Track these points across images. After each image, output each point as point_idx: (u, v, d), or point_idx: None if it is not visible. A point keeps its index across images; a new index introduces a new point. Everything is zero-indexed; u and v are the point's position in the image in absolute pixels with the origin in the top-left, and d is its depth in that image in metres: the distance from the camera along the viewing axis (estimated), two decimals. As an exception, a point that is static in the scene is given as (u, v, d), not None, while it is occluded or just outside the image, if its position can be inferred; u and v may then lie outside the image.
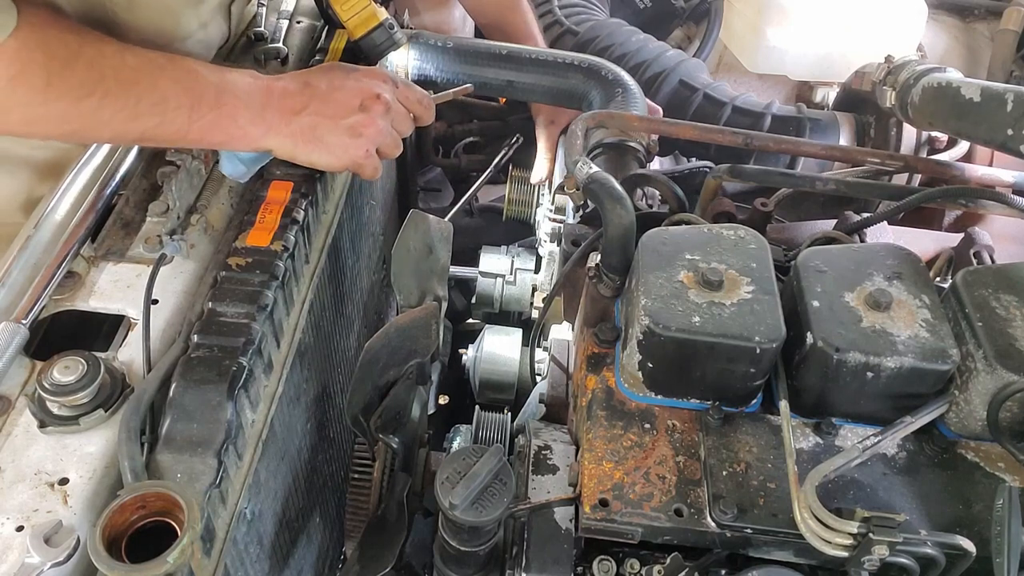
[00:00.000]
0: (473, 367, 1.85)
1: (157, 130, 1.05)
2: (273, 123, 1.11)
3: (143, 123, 1.03)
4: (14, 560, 0.79)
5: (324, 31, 1.51)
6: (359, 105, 1.16)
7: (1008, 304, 0.99)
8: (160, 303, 1.03)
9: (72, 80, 0.97)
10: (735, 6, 2.27)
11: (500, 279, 1.95)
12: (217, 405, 0.92)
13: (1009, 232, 1.49)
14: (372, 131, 1.18)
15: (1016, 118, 1.12)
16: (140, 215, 1.13)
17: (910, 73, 1.44)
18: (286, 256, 1.09)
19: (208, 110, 1.06)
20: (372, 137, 1.18)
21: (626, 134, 1.50)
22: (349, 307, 1.49)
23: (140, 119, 1.03)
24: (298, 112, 1.13)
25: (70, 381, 0.88)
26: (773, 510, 0.93)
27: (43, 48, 0.95)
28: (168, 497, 0.79)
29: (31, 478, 0.86)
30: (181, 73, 1.05)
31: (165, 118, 1.04)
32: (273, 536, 1.14)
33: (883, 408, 0.99)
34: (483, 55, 1.65)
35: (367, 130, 1.17)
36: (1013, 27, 2.22)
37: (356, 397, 1.14)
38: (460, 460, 0.94)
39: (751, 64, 2.21)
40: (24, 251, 0.99)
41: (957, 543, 0.87)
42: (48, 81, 0.96)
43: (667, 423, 1.01)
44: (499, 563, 1.01)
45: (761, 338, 0.94)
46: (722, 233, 1.07)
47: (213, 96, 1.06)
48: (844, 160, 1.55)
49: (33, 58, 0.94)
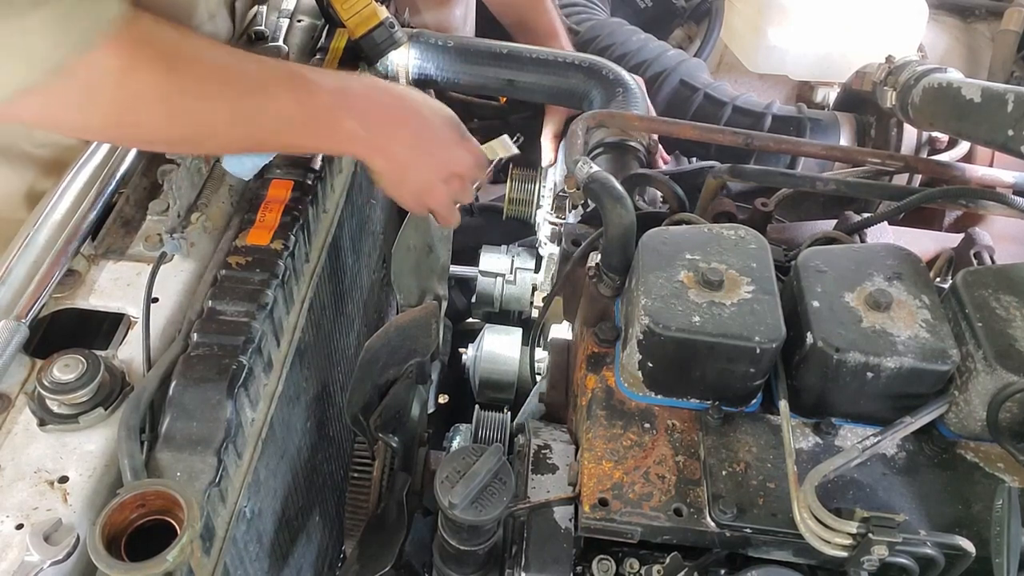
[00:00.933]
0: (473, 366, 1.85)
1: (271, 138, 1.06)
2: (377, 145, 1.14)
3: (259, 130, 1.04)
4: (14, 558, 0.79)
5: (325, 30, 1.51)
6: (446, 175, 1.22)
7: (1008, 304, 0.99)
8: (160, 301, 1.03)
9: (189, 82, 0.95)
10: (736, 6, 2.27)
11: (500, 278, 1.95)
12: (217, 404, 0.92)
13: (1009, 232, 1.49)
14: (439, 201, 1.27)
15: (1016, 119, 1.12)
16: (140, 213, 1.13)
17: (911, 73, 1.44)
18: (286, 255, 1.09)
19: (321, 127, 1.07)
20: (437, 205, 1.28)
21: (627, 134, 1.50)
22: (349, 306, 1.49)
23: (256, 126, 1.03)
24: (404, 145, 1.16)
25: (70, 379, 0.88)
26: (772, 510, 0.93)
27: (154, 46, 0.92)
28: (168, 496, 0.79)
29: (31, 476, 0.86)
30: (299, 86, 1.04)
31: (279, 126, 1.04)
32: (273, 535, 1.14)
33: (883, 408, 0.99)
34: (484, 54, 1.65)
35: (436, 199, 1.26)
36: (1014, 28, 2.22)
37: (356, 396, 1.15)
38: (460, 459, 0.94)
39: (752, 64, 2.21)
40: (24, 249, 0.99)
41: (956, 543, 0.87)
42: (165, 79, 0.92)
43: (667, 423, 1.01)
44: (498, 562, 1.01)
45: (761, 338, 0.94)
46: (722, 233, 1.07)
47: (327, 114, 1.07)
48: (844, 160, 1.55)
49: (144, 56, 0.91)
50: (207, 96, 0.96)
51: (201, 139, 1.03)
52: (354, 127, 1.10)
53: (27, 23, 0.82)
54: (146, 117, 0.95)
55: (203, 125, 0.99)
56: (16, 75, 0.84)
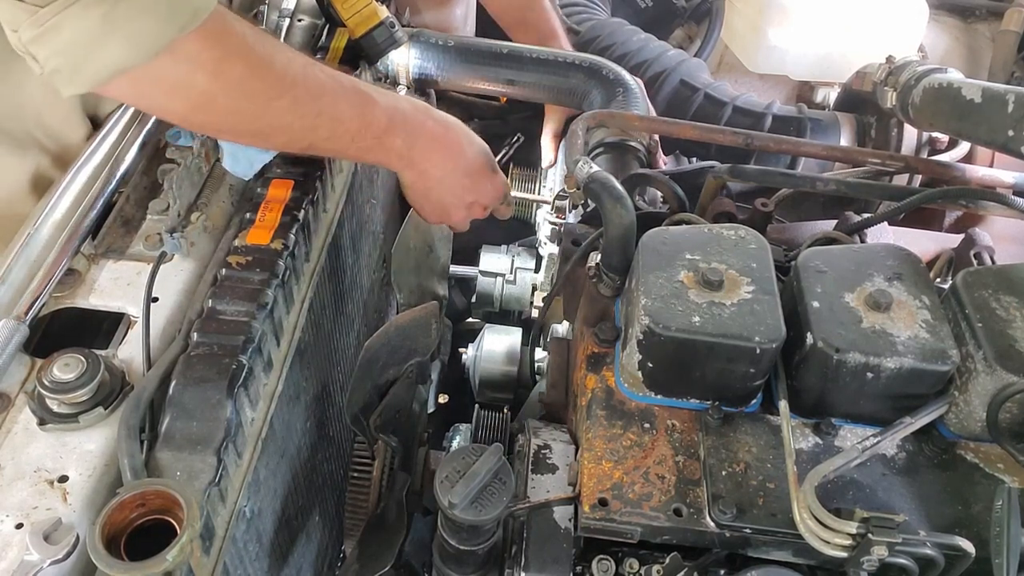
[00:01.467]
0: (473, 366, 1.85)
1: (324, 143, 1.12)
2: (413, 162, 1.22)
3: (316, 135, 1.09)
4: (13, 557, 0.79)
5: (325, 29, 1.51)
6: (469, 202, 1.33)
7: (1008, 305, 0.99)
8: (160, 301, 1.03)
9: (270, 78, 1.00)
10: (736, 6, 2.27)
11: (500, 278, 1.95)
12: (217, 403, 0.92)
13: (1010, 233, 1.49)
14: (456, 221, 1.38)
15: (1017, 119, 1.12)
16: (140, 213, 1.13)
17: (911, 74, 1.44)
18: (286, 254, 1.09)
19: (371, 137, 1.15)
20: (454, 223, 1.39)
21: (627, 134, 1.50)
22: (349, 306, 1.49)
23: (316, 131, 1.08)
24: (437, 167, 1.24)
25: (70, 379, 0.88)
26: (772, 510, 0.93)
27: (241, 39, 0.96)
28: (167, 495, 0.79)
29: (31, 475, 0.86)
30: (358, 96, 1.12)
31: (335, 134, 1.11)
32: (272, 534, 1.14)
33: (883, 408, 0.99)
34: (484, 54, 1.65)
35: (455, 219, 1.36)
36: (1014, 28, 2.21)
37: (356, 396, 1.15)
38: (459, 459, 0.94)
39: (752, 64, 2.21)
40: (24, 248, 0.99)
41: (956, 544, 0.87)
42: (249, 73, 0.97)
43: (667, 423, 1.01)
44: (498, 562, 1.01)
45: (761, 338, 0.94)
46: (722, 233, 1.07)
47: (381, 125, 1.14)
48: (845, 160, 1.55)
49: (234, 47, 0.95)
50: (284, 95, 1.02)
51: (269, 134, 1.08)
52: (399, 145, 1.18)
53: (135, 4, 0.85)
54: (231, 107, 1.00)
55: (276, 121, 1.05)
56: (120, 55, 0.87)
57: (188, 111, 1.00)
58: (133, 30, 0.86)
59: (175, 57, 0.90)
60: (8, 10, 0.85)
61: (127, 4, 0.85)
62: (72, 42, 0.85)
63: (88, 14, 0.84)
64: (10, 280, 0.96)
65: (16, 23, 0.85)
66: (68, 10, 0.83)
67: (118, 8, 0.84)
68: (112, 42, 0.86)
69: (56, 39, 0.85)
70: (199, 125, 1.08)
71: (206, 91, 0.96)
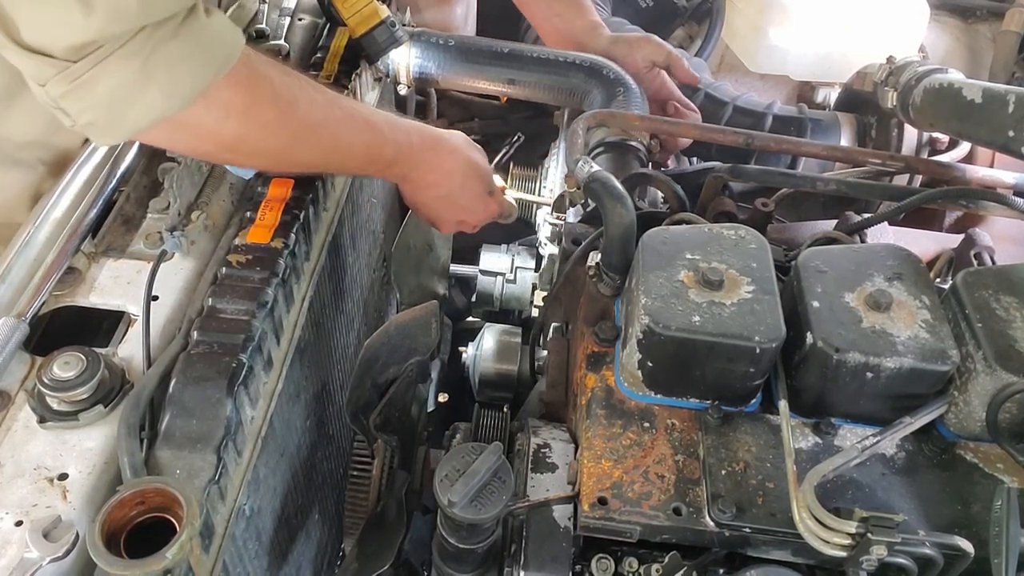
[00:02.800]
0: (473, 365, 1.85)
1: (332, 168, 1.24)
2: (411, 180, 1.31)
3: (328, 166, 1.20)
4: (13, 555, 0.79)
5: (325, 29, 1.51)
6: (459, 219, 1.42)
7: (1008, 305, 0.99)
8: (160, 299, 1.03)
9: (295, 122, 1.04)
10: (737, 6, 2.27)
11: (500, 277, 1.95)
12: (217, 402, 0.92)
13: (1010, 233, 1.49)
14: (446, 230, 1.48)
15: (1017, 120, 1.12)
16: (141, 211, 1.13)
17: (912, 74, 1.44)
18: (286, 253, 1.09)
19: (376, 170, 1.27)
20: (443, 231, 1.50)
21: (627, 133, 1.50)
22: (349, 304, 1.49)
23: (328, 164, 1.19)
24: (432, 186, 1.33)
25: (70, 377, 0.88)
26: (772, 509, 0.93)
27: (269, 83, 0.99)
28: (167, 493, 0.79)
29: (30, 473, 0.86)
30: (371, 133, 1.18)
31: (344, 166, 1.23)
32: (272, 532, 1.14)
33: (882, 408, 0.99)
34: (484, 53, 1.65)
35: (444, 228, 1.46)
36: (1015, 28, 2.21)
37: (356, 395, 1.14)
38: (459, 458, 0.94)
39: (753, 64, 2.21)
40: (25, 247, 0.99)
41: (955, 544, 0.87)
42: (277, 117, 1.01)
43: (666, 422, 1.01)
44: (498, 561, 1.01)
45: (761, 338, 0.94)
46: (723, 233, 1.07)
47: (387, 159, 1.22)
48: (845, 160, 1.55)
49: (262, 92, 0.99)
50: (308, 137, 1.08)
51: (289, 167, 1.15)
52: (402, 171, 1.27)
53: (171, 53, 0.85)
54: (258, 149, 1.05)
55: (298, 158, 1.11)
56: (159, 105, 0.88)
57: (218, 152, 1.04)
58: (171, 79, 0.87)
59: (208, 103, 0.91)
60: (33, 65, 0.83)
61: (163, 53, 0.84)
62: (109, 95, 0.84)
63: (125, 66, 0.83)
64: (10, 278, 0.96)
65: (43, 78, 0.84)
66: (103, 64, 0.82)
67: (154, 58, 0.84)
68: (149, 92, 0.86)
69: (91, 93, 0.84)
70: (225, 162, 1.15)
71: (236, 134, 0.99)
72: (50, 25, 0.80)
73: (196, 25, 0.88)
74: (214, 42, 0.90)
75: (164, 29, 0.85)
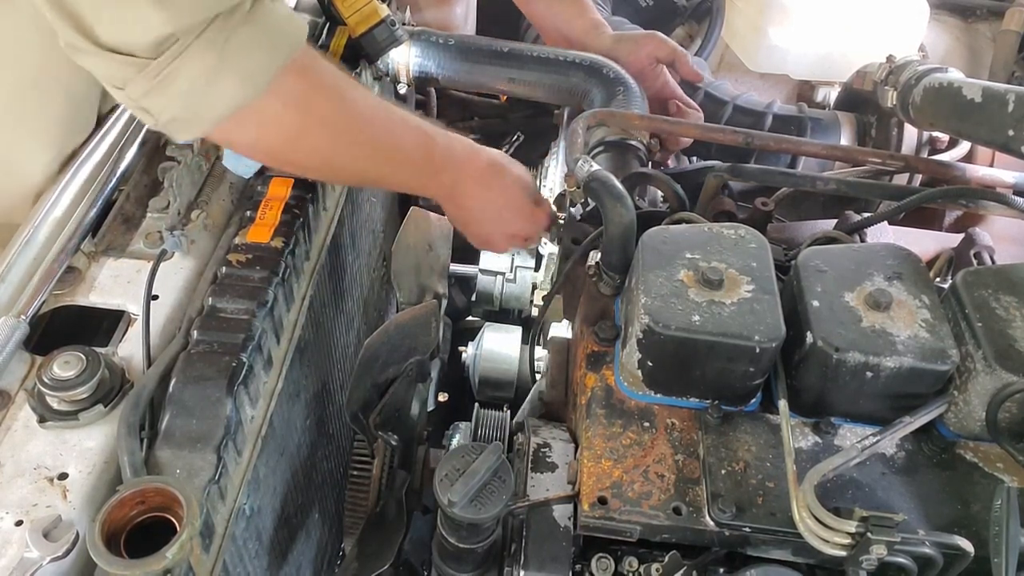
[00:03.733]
0: (473, 364, 1.85)
1: (385, 179, 1.21)
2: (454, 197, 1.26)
3: (381, 172, 1.17)
4: (13, 554, 0.79)
5: (325, 28, 1.51)
6: (510, 236, 1.35)
7: (1008, 305, 0.99)
8: (160, 299, 1.03)
9: (352, 115, 1.03)
10: (737, 5, 2.27)
11: (500, 277, 1.95)
12: (216, 401, 0.92)
13: (1009, 233, 1.49)
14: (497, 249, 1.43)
15: (1017, 119, 1.12)
16: (141, 211, 1.13)
17: (911, 73, 1.44)
18: (286, 253, 1.09)
19: (426, 176, 1.20)
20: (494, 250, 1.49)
21: (627, 132, 1.50)
22: (349, 304, 1.49)
23: (382, 168, 1.15)
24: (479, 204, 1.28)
25: (70, 376, 0.88)
26: (772, 509, 0.93)
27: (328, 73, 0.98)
28: (167, 493, 0.79)
29: (30, 473, 0.86)
30: (422, 134, 1.16)
31: (397, 171, 1.17)
32: (272, 532, 1.14)
33: (882, 408, 0.99)
34: (485, 52, 1.65)
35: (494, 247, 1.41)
36: (1015, 28, 2.21)
37: (356, 394, 1.15)
38: (459, 457, 0.94)
39: (752, 63, 2.21)
40: (25, 246, 0.99)
41: (955, 543, 0.87)
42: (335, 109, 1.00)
43: (666, 422, 1.01)
44: (497, 560, 1.01)
45: (761, 337, 0.94)
46: (722, 232, 1.07)
47: (436, 165, 1.19)
48: (845, 160, 1.55)
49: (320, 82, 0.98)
50: (364, 131, 1.05)
51: (342, 173, 1.14)
52: (447, 182, 1.22)
53: (244, 40, 0.85)
54: (315, 144, 1.02)
55: (351, 161, 1.08)
56: (237, 94, 0.88)
57: (280, 146, 1.01)
58: (246, 66, 0.87)
59: (273, 91, 0.90)
60: (111, 67, 0.83)
61: (237, 41, 0.85)
62: (189, 88, 0.85)
63: (203, 57, 0.83)
64: (10, 278, 0.96)
65: (123, 80, 0.84)
66: (182, 57, 0.82)
67: (229, 46, 0.84)
68: (228, 81, 0.86)
69: (172, 88, 0.84)
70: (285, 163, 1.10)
71: (296, 126, 0.97)
72: (128, 23, 0.80)
73: (264, 10, 0.88)
74: (282, 27, 0.90)
75: (236, 16, 0.85)
